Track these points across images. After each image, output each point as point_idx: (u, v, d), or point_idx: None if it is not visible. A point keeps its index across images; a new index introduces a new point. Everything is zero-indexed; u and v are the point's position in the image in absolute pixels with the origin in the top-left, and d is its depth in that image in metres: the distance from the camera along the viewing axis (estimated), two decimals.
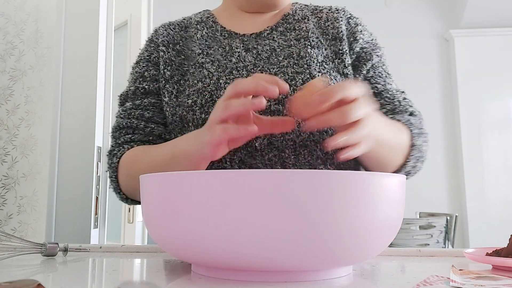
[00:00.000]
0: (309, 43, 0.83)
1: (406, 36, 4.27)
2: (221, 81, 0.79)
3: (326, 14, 0.88)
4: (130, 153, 0.80)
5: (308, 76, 0.78)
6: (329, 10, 0.90)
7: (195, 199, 0.44)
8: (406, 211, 0.81)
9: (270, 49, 0.83)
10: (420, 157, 0.82)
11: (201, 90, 0.79)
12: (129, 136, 0.83)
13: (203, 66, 0.82)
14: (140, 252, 0.74)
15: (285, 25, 0.87)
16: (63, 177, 1.32)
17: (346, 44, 0.84)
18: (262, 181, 0.42)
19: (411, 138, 0.79)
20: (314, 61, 0.80)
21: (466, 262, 0.63)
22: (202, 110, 0.77)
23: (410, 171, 0.82)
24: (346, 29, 0.86)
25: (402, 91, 0.87)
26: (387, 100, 0.84)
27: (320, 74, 0.79)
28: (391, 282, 0.49)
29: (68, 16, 1.39)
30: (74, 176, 1.32)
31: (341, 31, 0.85)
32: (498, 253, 0.57)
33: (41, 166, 1.33)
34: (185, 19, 0.93)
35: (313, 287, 0.44)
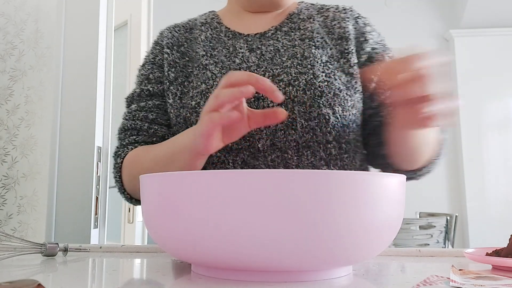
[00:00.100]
0: (313, 44, 0.82)
1: (406, 36, 4.27)
2: None
3: (333, 13, 0.87)
4: (132, 153, 0.81)
5: (311, 76, 0.77)
6: (336, 9, 0.89)
7: (195, 199, 0.44)
8: (406, 211, 0.81)
9: (274, 49, 0.82)
10: (442, 154, 0.82)
11: (204, 92, 0.79)
12: (133, 137, 0.84)
13: (207, 67, 0.82)
14: (140, 252, 0.74)
15: (289, 24, 0.86)
16: (63, 177, 1.32)
17: (353, 43, 0.83)
18: (262, 181, 0.42)
19: (438, 135, 0.80)
20: (318, 61, 0.80)
21: (466, 262, 0.63)
22: None
23: (431, 169, 0.82)
24: (354, 28, 0.86)
25: None
26: None
27: (324, 74, 0.78)
28: (391, 282, 0.49)
29: (68, 16, 1.39)
30: (74, 176, 1.32)
31: (347, 31, 0.84)
32: (498, 253, 0.57)
33: (41, 166, 1.33)
34: (190, 21, 0.93)
35: (313, 287, 0.44)
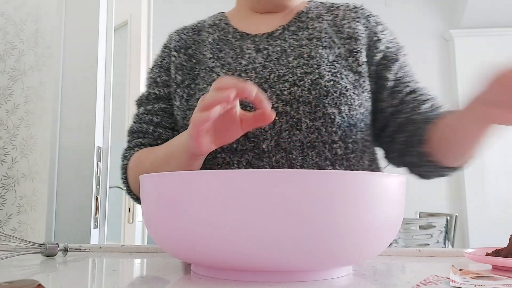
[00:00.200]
0: (320, 44, 0.81)
1: (406, 36, 4.26)
2: None
3: (343, 12, 0.87)
4: (136, 155, 0.83)
5: (317, 76, 0.77)
6: (346, 8, 0.88)
7: (195, 199, 0.44)
8: (406, 211, 0.81)
9: (281, 49, 0.82)
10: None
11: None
12: (139, 140, 0.86)
13: (213, 70, 0.83)
14: (140, 252, 0.74)
15: (297, 24, 0.86)
16: (63, 177, 1.32)
17: (362, 43, 0.82)
18: (262, 181, 0.42)
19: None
20: (324, 61, 0.79)
21: (466, 262, 0.63)
22: None
23: (467, 165, 0.80)
24: (366, 27, 0.85)
25: None
26: (424, 97, 0.82)
27: (330, 74, 0.77)
28: (391, 282, 0.49)
29: (68, 16, 1.39)
30: (74, 176, 1.32)
31: (357, 31, 0.83)
32: (498, 253, 0.57)
33: (41, 166, 1.33)
34: (199, 23, 0.94)
35: (313, 287, 0.44)
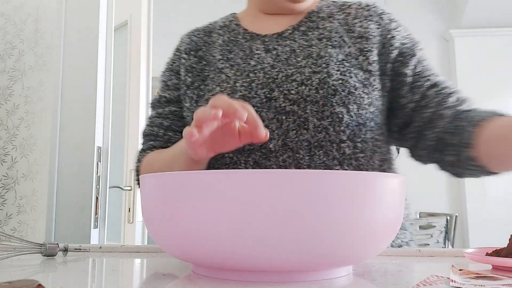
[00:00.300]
0: (330, 43, 0.81)
1: None
2: (237, 84, 0.80)
3: (355, 11, 0.86)
4: (147, 157, 0.85)
5: (325, 75, 0.77)
6: (358, 6, 0.87)
7: (195, 199, 0.44)
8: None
9: (290, 49, 0.82)
10: None
11: (218, 94, 0.79)
12: (151, 143, 0.88)
13: (222, 71, 0.83)
14: (140, 252, 0.74)
15: (308, 23, 0.85)
16: (63, 177, 1.32)
17: (373, 42, 0.82)
18: (262, 181, 0.42)
19: None
20: (333, 60, 0.79)
21: (466, 262, 0.63)
22: None
23: None
24: (379, 25, 0.84)
25: None
26: (448, 90, 0.81)
27: (338, 73, 0.77)
28: (391, 282, 0.49)
29: (68, 16, 1.39)
30: (74, 176, 1.32)
31: (368, 31, 0.83)
32: (498, 253, 0.57)
33: (41, 166, 1.33)
34: (210, 24, 0.95)
35: (313, 287, 0.44)
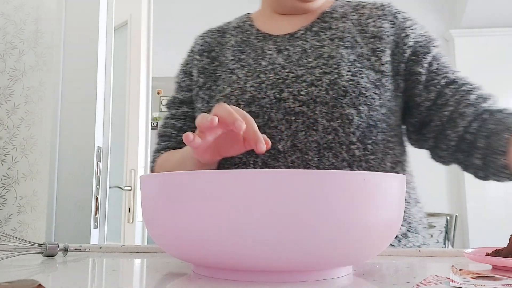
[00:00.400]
0: (342, 44, 0.81)
1: None
2: (247, 84, 0.80)
3: (369, 11, 0.86)
4: (161, 157, 0.87)
5: (336, 76, 0.76)
6: (372, 6, 0.87)
7: (195, 199, 0.44)
8: None
9: (302, 50, 0.82)
10: None
11: (228, 95, 0.80)
12: (165, 143, 0.89)
13: (234, 72, 0.83)
14: (140, 252, 0.74)
15: (320, 24, 0.85)
16: (63, 177, 1.32)
17: (386, 42, 0.81)
18: (262, 181, 0.42)
19: None
20: (344, 60, 0.78)
21: (466, 262, 0.63)
22: None
23: None
24: (393, 24, 0.83)
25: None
26: (468, 87, 0.79)
27: (349, 74, 0.76)
28: (391, 282, 0.49)
29: (68, 16, 1.39)
30: (74, 176, 1.32)
31: (382, 30, 0.82)
32: (498, 253, 0.56)
33: (41, 166, 1.33)
34: (224, 25, 0.95)
35: (313, 287, 0.44)
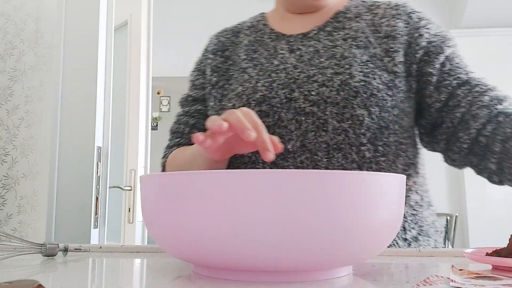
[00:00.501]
0: (355, 44, 0.80)
1: None
2: (259, 84, 0.80)
3: (384, 10, 0.85)
4: (172, 154, 0.88)
5: (347, 76, 0.75)
6: (387, 6, 0.86)
7: (195, 199, 0.44)
8: None
9: (314, 50, 0.81)
10: None
11: (240, 94, 0.81)
12: (177, 140, 0.90)
13: (246, 71, 0.84)
14: (140, 252, 0.74)
15: (334, 24, 0.85)
16: (63, 177, 1.32)
17: (400, 41, 0.80)
18: (262, 181, 0.42)
19: None
20: (357, 60, 0.77)
21: (466, 262, 0.63)
22: None
23: None
24: (407, 24, 0.82)
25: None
26: (481, 88, 0.79)
27: (361, 74, 0.76)
28: (391, 282, 0.49)
29: (68, 16, 1.39)
30: (74, 176, 1.32)
31: (395, 29, 0.81)
32: (498, 253, 0.56)
33: (41, 166, 1.33)
34: (239, 24, 0.96)
35: (313, 287, 0.44)
